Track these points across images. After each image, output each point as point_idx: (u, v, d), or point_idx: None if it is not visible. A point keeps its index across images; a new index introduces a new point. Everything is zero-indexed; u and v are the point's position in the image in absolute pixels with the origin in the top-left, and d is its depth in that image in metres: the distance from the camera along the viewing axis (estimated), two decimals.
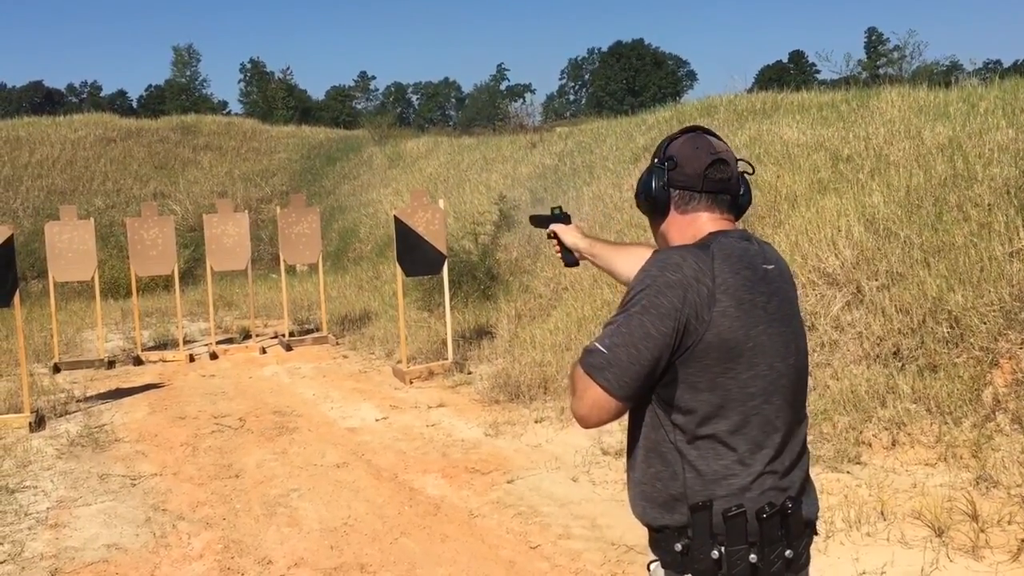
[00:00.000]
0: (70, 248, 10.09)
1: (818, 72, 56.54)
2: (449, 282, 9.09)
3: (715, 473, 1.74)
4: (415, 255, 8.72)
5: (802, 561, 1.78)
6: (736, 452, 1.75)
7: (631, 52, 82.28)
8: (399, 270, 8.81)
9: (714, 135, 1.97)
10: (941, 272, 5.98)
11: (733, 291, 1.75)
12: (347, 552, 4.60)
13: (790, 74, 63.88)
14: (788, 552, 1.72)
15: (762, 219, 8.10)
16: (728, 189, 1.92)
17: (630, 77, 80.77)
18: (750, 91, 17.97)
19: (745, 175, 1.98)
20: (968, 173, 6.92)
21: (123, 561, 4.63)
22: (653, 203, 1.95)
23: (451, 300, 9.13)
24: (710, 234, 1.86)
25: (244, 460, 6.30)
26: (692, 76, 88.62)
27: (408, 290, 10.44)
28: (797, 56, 77.81)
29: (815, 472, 4.93)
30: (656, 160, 1.97)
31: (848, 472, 5.00)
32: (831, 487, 4.79)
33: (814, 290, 6.65)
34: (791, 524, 1.73)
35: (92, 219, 10.69)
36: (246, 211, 11.81)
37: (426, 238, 8.72)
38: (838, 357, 6.06)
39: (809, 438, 5.31)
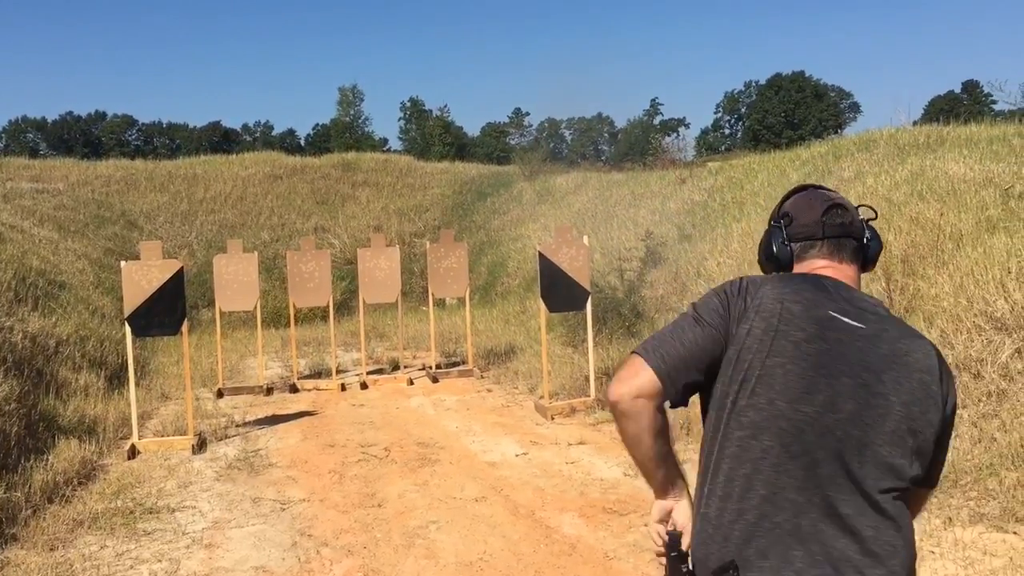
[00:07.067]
0: (235, 279, 10.67)
1: (994, 103, 53.44)
2: (593, 318, 9.06)
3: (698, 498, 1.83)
4: (558, 291, 8.75)
5: None
6: (706, 484, 1.78)
7: (791, 84, 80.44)
8: (542, 305, 8.86)
9: (827, 189, 2.00)
10: None
11: (767, 316, 1.75)
12: None
13: (963, 105, 60.74)
14: None
15: (924, 259, 7.69)
16: (850, 233, 1.90)
17: (789, 110, 78.92)
18: (916, 124, 17.17)
19: (870, 221, 1.96)
20: None
21: None
22: (777, 262, 1.95)
23: (595, 336, 9.09)
24: (798, 272, 1.89)
25: (387, 490, 6.45)
26: (855, 108, 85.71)
27: (553, 325, 10.47)
28: (971, 86, 74.02)
29: (977, 532, 4.62)
30: (772, 221, 2.00)
31: (1015, 532, 4.63)
32: (995, 548, 4.45)
33: (980, 335, 6.23)
34: None
35: (256, 252, 11.29)
36: (397, 245, 12.16)
37: (570, 274, 8.73)
38: (1007, 408, 5.64)
39: (972, 494, 4.99)
